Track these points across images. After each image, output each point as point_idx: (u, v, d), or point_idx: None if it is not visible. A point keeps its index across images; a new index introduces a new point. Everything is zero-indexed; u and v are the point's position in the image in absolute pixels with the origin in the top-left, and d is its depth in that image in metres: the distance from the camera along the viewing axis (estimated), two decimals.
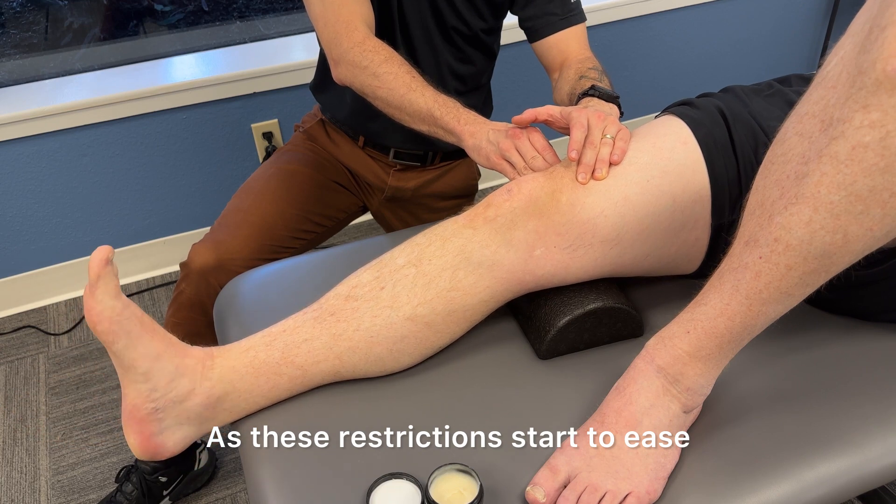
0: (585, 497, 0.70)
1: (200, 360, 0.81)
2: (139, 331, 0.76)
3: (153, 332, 0.78)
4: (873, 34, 0.55)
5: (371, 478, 0.72)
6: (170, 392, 0.78)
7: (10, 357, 1.80)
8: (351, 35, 1.09)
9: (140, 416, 0.78)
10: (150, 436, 0.80)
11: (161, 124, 1.86)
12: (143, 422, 0.79)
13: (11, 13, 1.92)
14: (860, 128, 0.55)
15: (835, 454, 0.75)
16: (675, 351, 0.72)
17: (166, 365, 0.78)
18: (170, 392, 0.78)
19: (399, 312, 0.83)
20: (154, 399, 0.78)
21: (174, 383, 0.78)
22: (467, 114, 1.02)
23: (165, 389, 0.78)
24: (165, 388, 0.78)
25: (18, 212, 1.84)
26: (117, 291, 0.75)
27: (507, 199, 0.86)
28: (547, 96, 1.19)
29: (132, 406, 0.78)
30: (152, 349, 0.77)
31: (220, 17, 2.08)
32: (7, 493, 1.46)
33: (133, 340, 0.76)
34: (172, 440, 0.81)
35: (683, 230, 0.88)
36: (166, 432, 0.80)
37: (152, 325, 0.79)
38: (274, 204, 1.27)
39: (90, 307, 0.73)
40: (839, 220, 0.58)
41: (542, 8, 1.22)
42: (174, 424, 0.80)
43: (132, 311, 0.76)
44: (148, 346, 0.77)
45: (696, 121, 0.89)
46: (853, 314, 0.90)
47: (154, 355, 0.77)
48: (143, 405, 0.78)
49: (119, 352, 0.75)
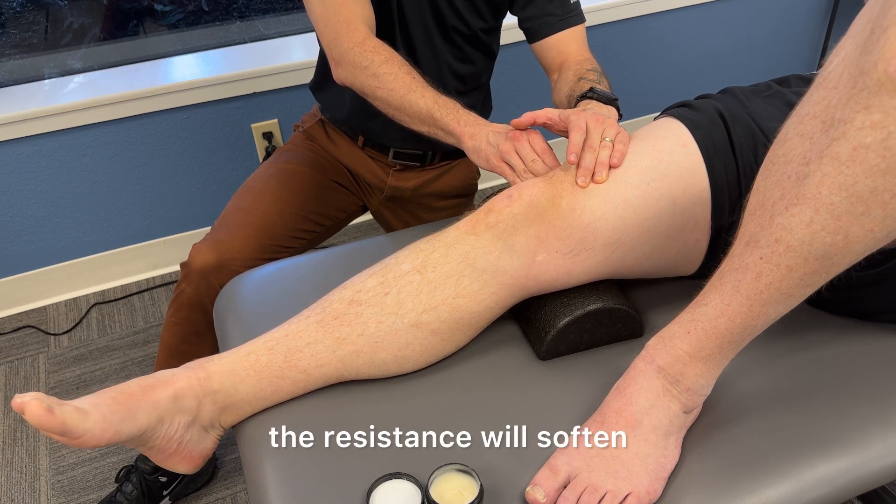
0: (585, 497, 0.70)
1: (193, 376, 0.82)
2: (125, 410, 0.76)
3: (130, 394, 0.77)
4: (875, 35, 0.55)
5: (371, 478, 0.72)
6: (182, 418, 0.80)
7: (10, 357, 1.79)
8: (351, 35, 1.09)
9: (175, 449, 0.82)
10: (191, 453, 0.83)
11: (161, 124, 1.86)
12: (180, 451, 0.82)
13: (11, 13, 1.92)
14: (861, 129, 0.55)
15: (835, 454, 0.75)
16: (676, 351, 0.72)
17: (165, 402, 0.79)
18: (182, 418, 0.80)
19: (404, 319, 0.83)
20: (175, 432, 0.80)
21: (179, 410, 0.80)
22: (467, 115, 1.02)
23: (177, 421, 0.80)
24: (176, 420, 0.80)
25: (18, 212, 1.84)
26: (79, 412, 0.71)
27: (507, 204, 0.86)
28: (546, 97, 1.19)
29: (165, 451, 0.81)
30: (145, 405, 0.77)
31: (220, 17, 2.08)
32: (7, 493, 1.46)
33: (127, 419, 0.75)
34: (209, 444, 0.85)
35: (683, 232, 0.88)
36: (201, 443, 0.84)
37: (126, 390, 0.78)
38: (274, 204, 1.27)
39: (81, 444, 0.72)
40: (840, 221, 0.58)
41: (542, 8, 1.22)
42: (201, 433, 0.83)
43: (104, 405, 0.74)
44: (139, 407, 0.77)
45: (696, 123, 0.89)
46: (853, 315, 0.90)
47: (151, 407, 0.78)
48: (171, 443, 0.81)
49: (130, 436, 0.76)
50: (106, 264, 1.98)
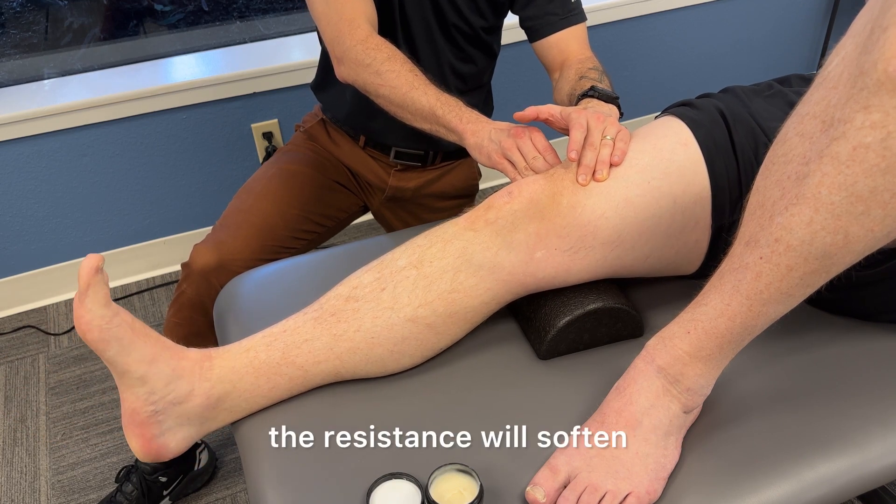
0: (585, 497, 0.70)
1: (198, 361, 0.81)
2: (131, 336, 0.76)
3: (146, 336, 0.78)
4: (875, 35, 0.55)
5: (371, 478, 0.72)
6: (168, 394, 0.78)
7: (10, 357, 1.79)
8: (354, 33, 1.09)
9: (140, 419, 0.79)
10: (152, 438, 0.80)
11: (161, 124, 1.86)
12: (144, 425, 0.79)
13: (11, 13, 1.92)
14: (861, 128, 0.55)
15: (835, 454, 0.75)
16: (676, 351, 0.72)
17: (162, 368, 0.78)
18: (168, 394, 0.78)
19: (400, 314, 0.83)
20: (153, 402, 0.78)
21: (172, 385, 0.78)
22: (469, 113, 1.02)
23: (163, 392, 0.78)
24: (163, 391, 0.78)
25: (18, 212, 1.84)
26: (107, 300, 0.75)
27: (507, 201, 0.86)
28: (547, 96, 1.19)
29: (131, 410, 0.79)
30: (146, 353, 0.77)
31: (220, 17, 2.08)
32: (7, 493, 1.46)
33: (125, 346, 0.76)
34: (174, 441, 0.81)
35: (684, 231, 0.88)
36: (167, 434, 0.80)
37: (144, 329, 0.78)
38: (275, 204, 1.27)
39: (79, 316, 0.73)
40: (840, 221, 0.58)
41: (543, 8, 1.22)
42: (175, 426, 0.80)
43: (122, 317, 0.76)
44: (142, 350, 0.77)
45: (697, 122, 0.89)
46: (853, 314, 0.90)
47: (149, 359, 0.77)
48: (142, 408, 0.78)
49: (112, 358, 0.76)
50: (106, 264, 1.97)
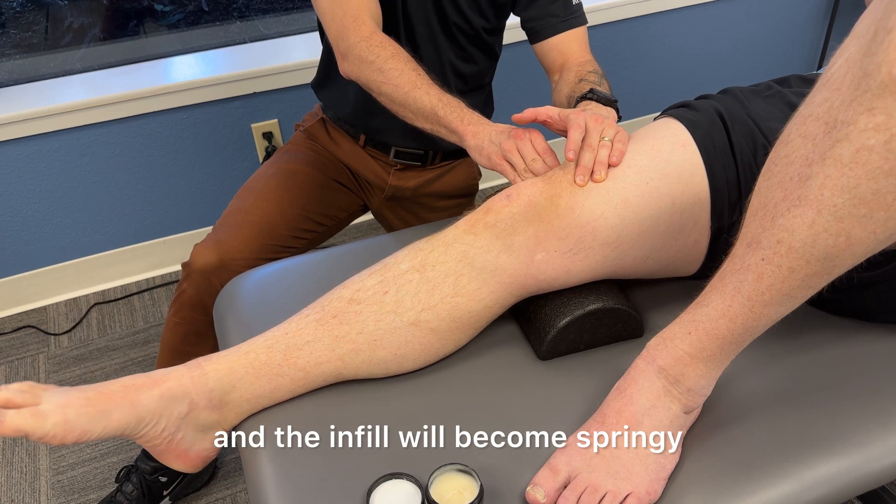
0: (585, 497, 0.70)
1: (186, 374, 0.81)
2: (97, 410, 0.74)
3: (108, 396, 0.76)
4: (879, 37, 0.55)
5: (371, 478, 0.72)
6: (172, 415, 0.79)
7: (10, 357, 1.79)
8: (358, 29, 1.09)
9: (164, 447, 0.81)
10: (186, 453, 0.82)
11: (161, 124, 1.86)
12: (172, 450, 0.81)
13: (11, 13, 1.92)
14: (864, 130, 0.55)
15: (835, 454, 0.75)
16: (677, 352, 0.72)
17: (148, 403, 0.77)
18: (172, 415, 0.79)
19: (403, 317, 0.83)
20: (162, 429, 0.79)
21: (169, 408, 0.79)
22: (471, 114, 1.02)
23: (167, 417, 0.79)
24: (166, 416, 0.79)
25: (19, 212, 1.84)
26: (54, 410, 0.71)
27: (506, 204, 0.86)
28: (547, 97, 1.20)
29: (152, 446, 0.80)
30: (122, 406, 0.76)
31: (220, 17, 2.08)
32: (7, 493, 1.46)
33: (100, 421, 0.74)
34: (207, 443, 0.84)
35: (683, 232, 0.88)
36: (197, 443, 0.83)
37: (102, 391, 0.76)
38: (275, 203, 1.28)
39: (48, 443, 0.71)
40: (842, 223, 0.58)
41: (544, 9, 1.22)
42: (197, 433, 0.82)
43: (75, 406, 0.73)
44: (116, 409, 0.75)
45: (695, 123, 0.89)
46: (855, 315, 0.90)
47: (129, 407, 0.76)
48: (160, 439, 0.80)
49: (102, 435, 0.75)
50: (106, 264, 1.98)
